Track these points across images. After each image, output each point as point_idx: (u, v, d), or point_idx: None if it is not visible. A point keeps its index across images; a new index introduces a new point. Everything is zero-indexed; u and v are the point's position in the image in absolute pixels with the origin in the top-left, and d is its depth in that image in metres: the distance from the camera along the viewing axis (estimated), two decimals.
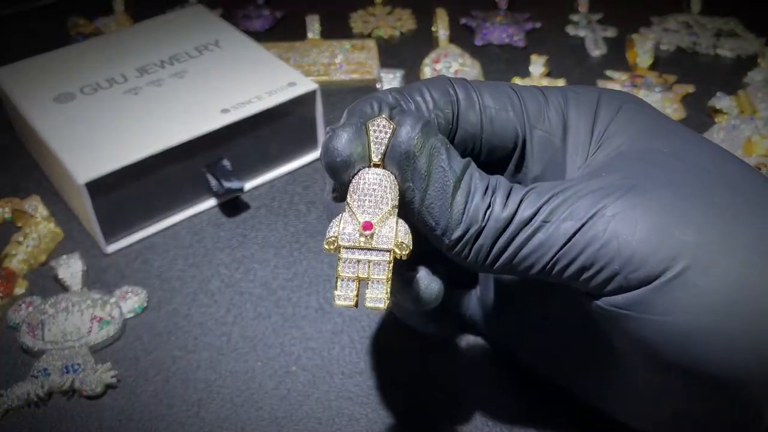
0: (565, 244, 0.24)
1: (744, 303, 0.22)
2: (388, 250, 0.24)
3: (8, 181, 0.48)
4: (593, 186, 0.24)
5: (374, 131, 0.25)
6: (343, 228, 0.24)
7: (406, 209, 0.25)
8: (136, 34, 0.54)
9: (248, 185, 0.48)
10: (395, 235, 0.24)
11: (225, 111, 0.45)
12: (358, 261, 0.24)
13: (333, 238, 0.24)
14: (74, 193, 0.42)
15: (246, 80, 0.48)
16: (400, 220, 0.25)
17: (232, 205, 0.47)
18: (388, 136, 0.24)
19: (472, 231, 0.24)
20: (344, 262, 0.24)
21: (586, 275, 0.24)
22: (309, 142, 0.50)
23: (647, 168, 0.25)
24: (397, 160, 0.24)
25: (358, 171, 0.25)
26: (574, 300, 0.27)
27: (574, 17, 0.67)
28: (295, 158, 0.50)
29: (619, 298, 0.23)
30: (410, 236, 0.24)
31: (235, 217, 0.46)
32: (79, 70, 0.49)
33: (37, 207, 0.45)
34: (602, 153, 0.27)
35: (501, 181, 0.25)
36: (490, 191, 0.25)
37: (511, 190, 0.25)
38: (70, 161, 0.41)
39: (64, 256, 0.41)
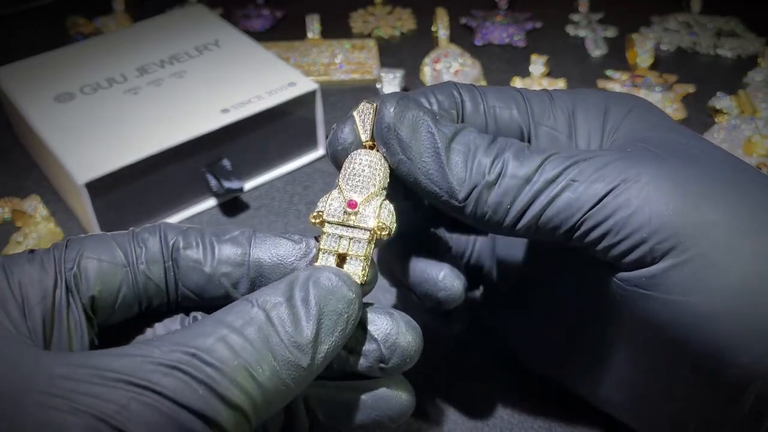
0: (594, 206, 0.23)
1: (764, 289, 0.22)
2: (368, 229, 0.25)
3: (8, 181, 0.48)
4: (622, 154, 0.24)
5: (358, 116, 0.26)
6: (330, 204, 0.25)
7: (407, 184, 0.26)
8: (136, 34, 0.54)
9: (248, 185, 0.48)
10: (377, 215, 0.25)
11: (225, 111, 0.45)
12: (340, 237, 0.25)
13: (319, 213, 0.25)
14: (74, 193, 0.42)
15: (246, 80, 0.48)
16: (386, 203, 0.25)
17: (232, 205, 0.47)
18: (371, 116, 0.26)
19: (480, 187, 0.24)
20: (327, 236, 0.25)
21: (609, 241, 0.23)
22: (309, 142, 0.50)
23: (671, 151, 0.25)
24: (381, 135, 0.25)
25: (351, 153, 0.26)
26: (583, 289, 0.26)
27: (574, 17, 0.67)
28: (295, 158, 0.50)
29: (640, 276, 0.23)
30: (394, 219, 0.25)
31: (235, 217, 0.46)
32: (79, 70, 0.49)
33: (36, 207, 0.45)
34: (618, 143, 0.27)
35: (512, 140, 0.25)
36: (495, 148, 0.25)
37: (525, 148, 0.25)
38: (70, 161, 0.41)
39: None
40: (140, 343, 0.21)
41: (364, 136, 0.26)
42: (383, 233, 0.25)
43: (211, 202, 0.46)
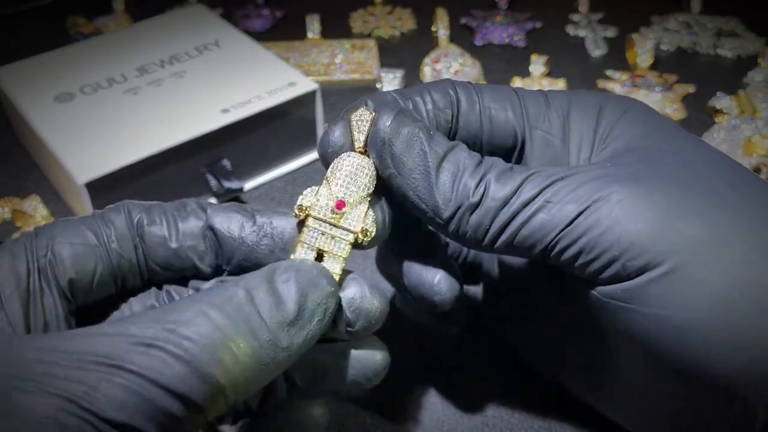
0: (567, 226, 0.24)
1: (742, 300, 0.22)
2: (353, 232, 0.25)
3: (8, 181, 0.48)
4: (598, 173, 0.25)
5: (355, 121, 0.26)
6: (318, 199, 0.25)
7: (395, 195, 0.26)
8: (136, 34, 0.54)
9: (248, 185, 0.48)
10: (363, 220, 0.25)
11: (225, 111, 0.45)
12: (323, 233, 0.25)
13: (305, 207, 0.25)
14: (74, 193, 0.42)
15: (246, 80, 0.48)
16: (371, 210, 0.26)
17: None
18: (368, 125, 0.26)
19: (463, 208, 0.25)
20: (310, 231, 0.25)
21: (584, 259, 0.24)
22: (309, 142, 0.50)
23: (652, 163, 0.25)
24: (376, 148, 0.25)
25: (343, 154, 0.26)
26: (574, 295, 0.27)
27: (574, 17, 0.67)
28: (295, 158, 0.50)
29: (617, 289, 0.24)
30: (375, 227, 0.26)
31: None
32: (79, 70, 0.49)
33: (36, 207, 0.45)
34: (607, 151, 0.27)
35: (497, 161, 0.26)
36: (482, 169, 0.25)
37: (508, 170, 0.25)
38: (69, 161, 0.41)
39: None
40: (116, 321, 0.21)
41: (358, 144, 0.26)
42: (365, 239, 0.25)
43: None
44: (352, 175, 0.26)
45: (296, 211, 0.26)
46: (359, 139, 0.26)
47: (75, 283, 0.24)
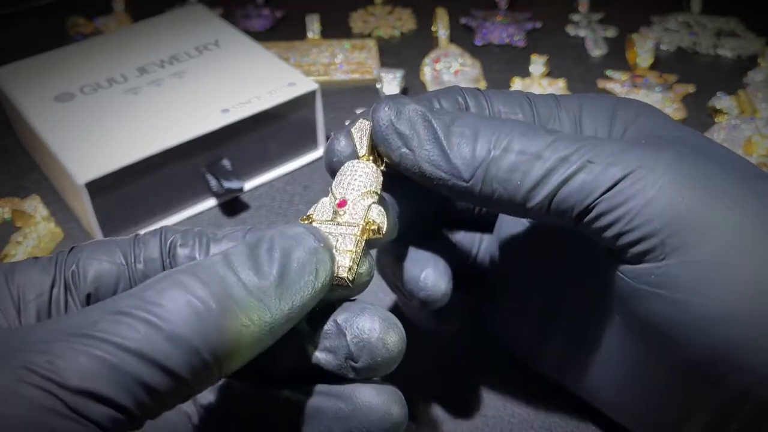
0: (609, 189, 0.22)
1: None
2: (356, 225, 0.24)
3: (8, 181, 0.48)
4: (640, 144, 0.23)
5: (356, 131, 0.26)
6: (320, 207, 0.25)
7: (412, 177, 0.26)
8: (136, 33, 0.54)
9: (248, 185, 0.48)
10: (366, 213, 0.25)
11: (225, 111, 0.45)
12: (330, 234, 0.24)
13: (308, 215, 0.25)
14: (74, 193, 0.42)
15: (246, 80, 0.48)
16: (376, 204, 0.25)
17: (232, 205, 0.47)
18: (368, 131, 0.26)
19: (486, 164, 0.24)
20: None
21: (620, 228, 0.22)
22: (309, 142, 0.50)
23: (688, 147, 0.24)
24: (381, 135, 0.25)
25: (346, 163, 0.26)
26: (587, 283, 0.26)
27: (574, 17, 0.67)
28: (295, 158, 0.50)
29: (649, 273, 0.22)
30: (384, 218, 0.25)
31: (235, 217, 0.46)
32: (79, 70, 0.49)
33: (36, 207, 0.45)
34: (631, 136, 0.26)
35: (517, 124, 0.24)
36: (498, 124, 0.24)
37: (535, 124, 0.24)
38: (69, 161, 0.41)
39: None
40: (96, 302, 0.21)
41: (361, 152, 0.26)
42: (372, 227, 0.24)
43: (211, 202, 0.46)
44: (353, 176, 0.25)
45: (300, 221, 0.25)
46: (361, 146, 0.26)
47: (93, 299, 0.24)
